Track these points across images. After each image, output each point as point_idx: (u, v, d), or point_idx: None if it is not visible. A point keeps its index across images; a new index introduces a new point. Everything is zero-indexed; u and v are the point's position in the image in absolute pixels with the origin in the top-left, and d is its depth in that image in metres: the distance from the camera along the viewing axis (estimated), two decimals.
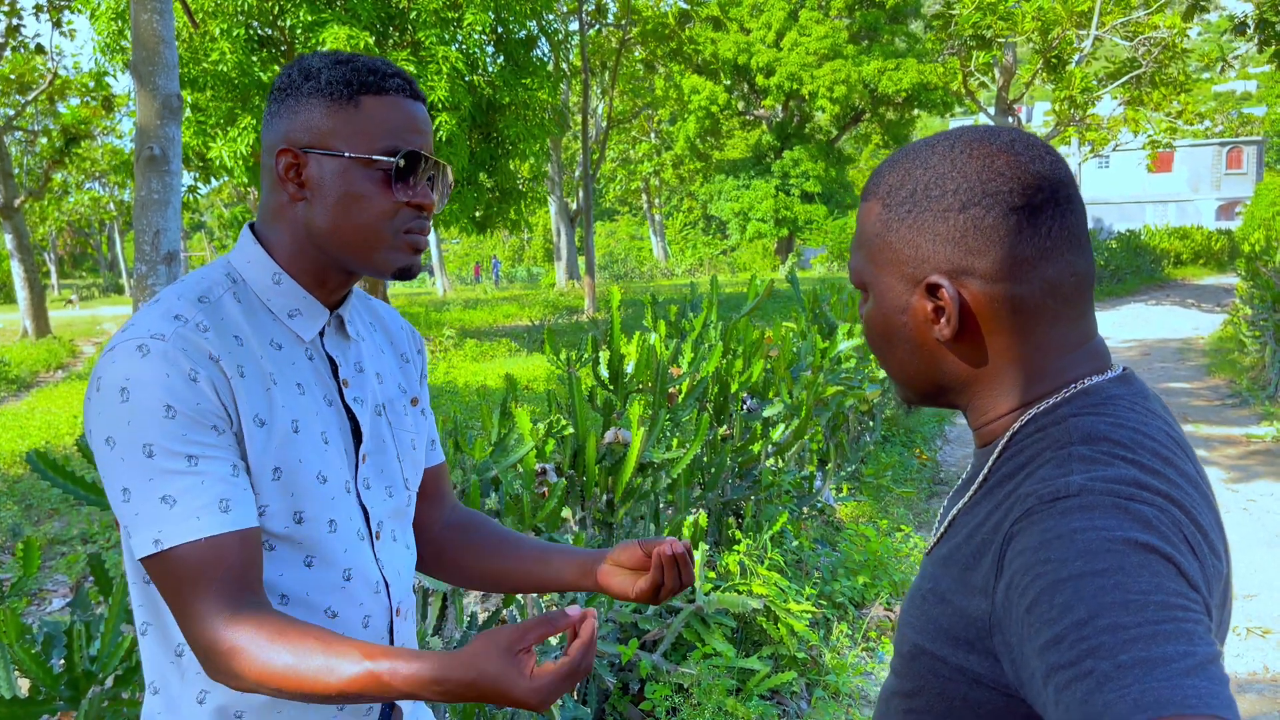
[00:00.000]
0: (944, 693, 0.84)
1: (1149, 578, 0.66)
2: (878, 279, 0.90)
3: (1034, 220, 0.82)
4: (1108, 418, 0.80)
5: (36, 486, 6.67)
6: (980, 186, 0.82)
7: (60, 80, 20.23)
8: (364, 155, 1.10)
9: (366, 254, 1.13)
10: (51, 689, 1.71)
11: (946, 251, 0.84)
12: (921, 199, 0.85)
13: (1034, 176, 0.82)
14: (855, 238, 0.93)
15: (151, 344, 1.02)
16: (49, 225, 37.88)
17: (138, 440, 1.00)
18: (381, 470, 1.23)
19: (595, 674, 2.98)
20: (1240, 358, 11.15)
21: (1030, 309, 0.83)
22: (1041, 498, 0.74)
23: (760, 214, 34.34)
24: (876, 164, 7.02)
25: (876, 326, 0.92)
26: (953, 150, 0.85)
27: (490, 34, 14.54)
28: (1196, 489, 0.78)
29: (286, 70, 1.15)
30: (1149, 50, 22.33)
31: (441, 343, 15.11)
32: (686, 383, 3.75)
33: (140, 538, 1.01)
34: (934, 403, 0.95)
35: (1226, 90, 63.35)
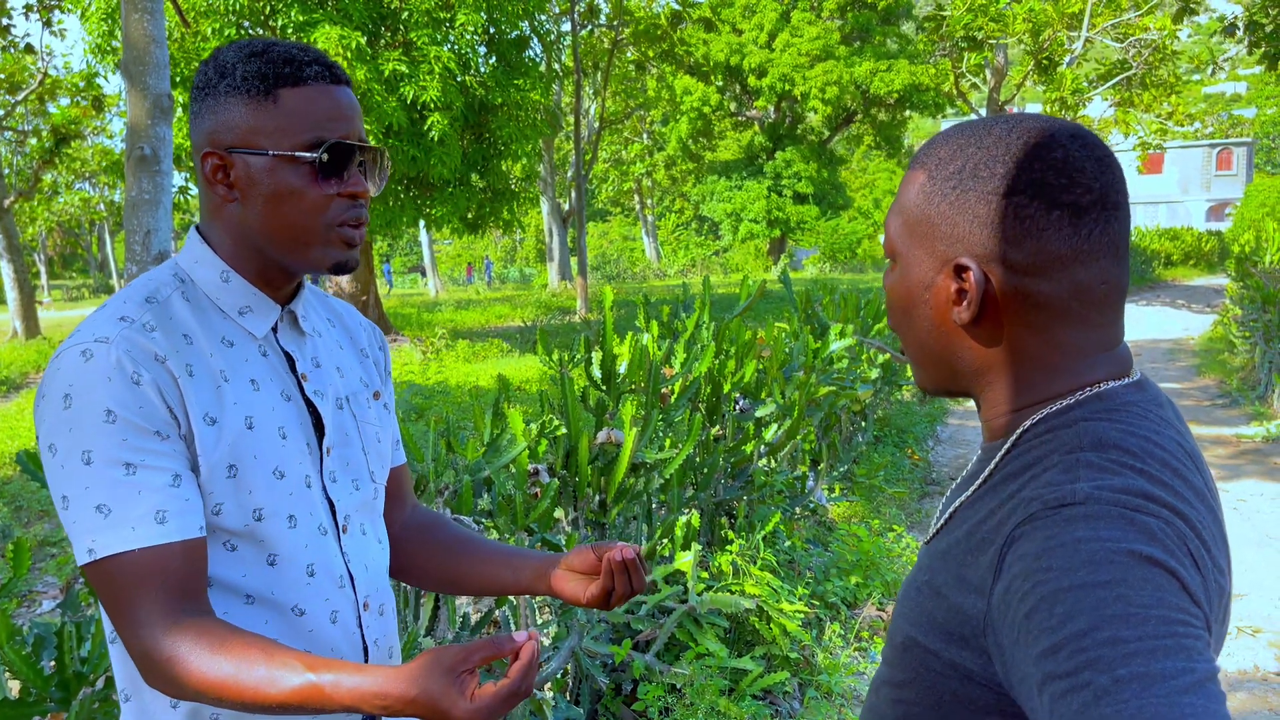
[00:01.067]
0: (934, 686, 0.83)
1: (1151, 591, 0.65)
2: (909, 250, 0.88)
3: (1076, 220, 0.79)
4: (1119, 424, 0.79)
5: (26, 488, 6.64)
6: (1030, 175, 0.80)
7: (50, 80, 20.14)
8: (287, 152, 1.08)
9: (301, 251, 1.12)
10: (42, 690, 1.71)
11: (982, 235, 0.81)
12: (969, 177, 0.83)
13: (1086, 175, 0.80)
14: (894, 204, 0.91)
15: (95, 348, 1.01)
16: (39, 226, 37.70)
17: (77, 447, 0.99)
18: (348, 463, 1.22)
19: (588, 674, 2.98)
20: (1230, 358, 11.20)
21: (1054, 308, 0.81)
22: (1046, 503, 0.73)
23: (752, 215, 34.36)
24: (869, 165, 7.02)
25: (899, 298, 0.90)
26: (1010, 134, 0.83)
27: (482, 34, 14.53)
28: (1203, 502, 0.77)
29: (203, 66, 1.12)
30: (1139, 52, 22.42)
31: (433, 343, 15.09)
32: (679, 383, 3.75)
33: (77, 546, 1.00)
34: (948, 390, 0.92)
35: (1216, 92, 63.61)
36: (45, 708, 1.72)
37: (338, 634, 1.18)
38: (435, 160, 13.37)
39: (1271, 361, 8.84)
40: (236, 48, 1.11)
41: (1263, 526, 5.46)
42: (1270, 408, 8.55)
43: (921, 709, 0.85)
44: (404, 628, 2.61)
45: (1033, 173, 0.80)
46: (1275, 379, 8.71)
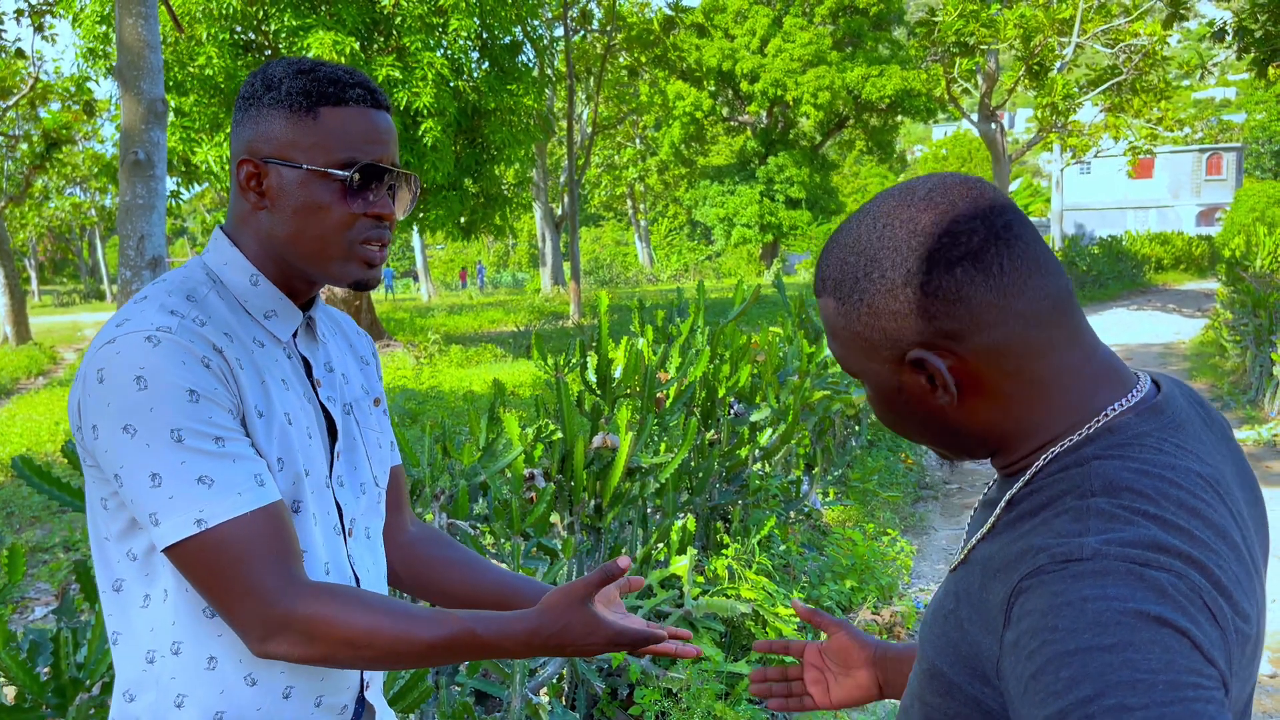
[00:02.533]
0: (959, 714, 0.83)
1: (1160, 654, 0.63)
2: (862, 368, 0.88)
3: (980, 265, 0.78)
4: (1133, 462, 0.76)
5: (18, 494, 6.61)
6: (913, 253, 0.80)
7: (41, 85, 20.10)
8: (319, 168, 1.11)
9: (323, 264, 1.15)
10: (38, 696, 1.70)
11: (911, 325, 0.81)
12: (865, 285, 0.83)
13: (963, 222, 0.79)
14: (827, 333, 0.91)
15: (161, 335, 1.02)
16: (29, 231, 37.58)
17: (164, 425, 1.00)
18: (354, 467, 1.25)
19: (584, 679, 2.98)
20: (1221, 362, 11.25)
21: (1017, 348, 0.80)
22: (1054, 557, 0.71)
23: (745, 220, 34.43)
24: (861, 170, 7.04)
25: (882, 408, 0.90)
26: (876, 224, 0.83)
27: (475, 40, 14.53)
28: (1226, 540, 0.73)
29: (251, 78, 1.15)
30: (1130, 58, 22.54)
31: (426, 348, 15.07)
32: (674, 388, 3.76)
33: (176, 520, 1.00)
34: (973, 456, 0.91)
35: (1206, 97, 63.98)
36: (42, 714, 1.72)
37: None
38: (428, 165, 13.37)
39: (1262, 365, 8.88)
40: (286, 63, 1.14)
41: None
42: (1262, 411, 8.59)
43: None
44: None
45: (919, 252, 0.80)
46: (1266, 383, 8.75)
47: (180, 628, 1.09)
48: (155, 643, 1.10)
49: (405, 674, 2.09)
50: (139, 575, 1.09)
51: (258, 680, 1.13)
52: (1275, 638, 4.07)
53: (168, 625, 1.09)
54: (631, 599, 3.17)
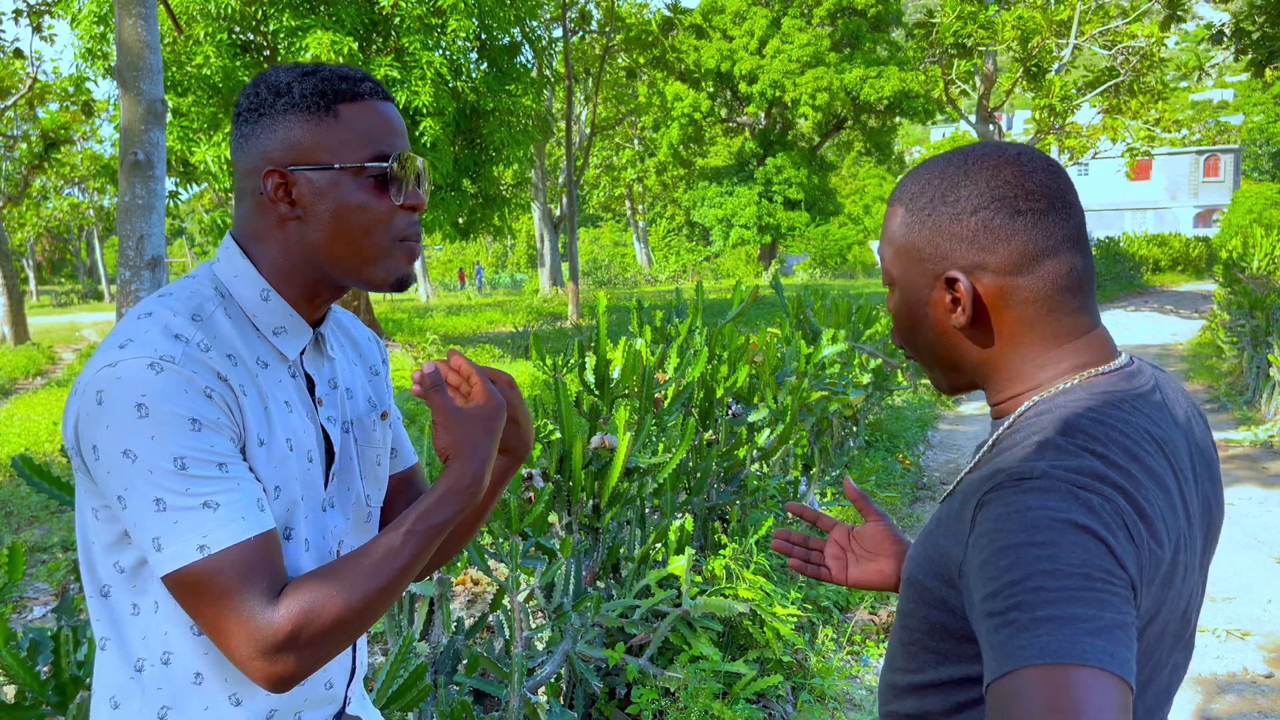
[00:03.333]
0: (927, 616, 0.97)
1: (1080, 553, 0.77)
2: (903, 274, 1.02)
3: (1038, 221, 0.94)
4: (1092, 413, 0.90)
5: (16, 494, 6.61)
6: (989, 192, 0.95)
7: (40, 85, 20.09)
8: (355, 165, 1.09)
9: (365, 266, 1.12)
10: (39, 694, 1.71)
11: (962, 249, 0.96)
12: (939, 204, 0.97)
13: (1036, 184, 0.94)
14: (882, 239, 1.06)
15: (163, 364, 1.00)
16: (27, 231, 37.55)
17: (167, 453, 0.98)
18: (347, 488, 1.23)
19: (582, 678, 2.99)
20: (1218, 363, 11.27)
21: (1036, 298, 0.95)
22: (1010, 475, 0.85)
23: (743, 220, 34.46)
24: (859, 171, 7.09)
25: (904, 316, 1.04)
26: (966, 162, 0.98)
27: (474, 40, 14.54)
28: (1158, 483, 0.87)
29: (252, 89, 1.11)
30: (1127, 59, 22.57)
31: (425, 349, 15.07)
32: (672, 388, 3.76)
33: (179, 546, 0.98)
34: (961, 387, 1.06)
35: (1204, 99, 64.03)
36: (41, 712, 1.72)
37: None
38: (427, 165, 13.37)
39: (1259, 366, 8.90)
40: (286, 69, 1.11)
41: (1251, 530, 5.50)
42: (1258, 412, 8.61)
43: (918, 634, 1.00)
44: (398, 632, 2.61)
45: (992, 189, 0.95)
46: (1263, 384, 8.77)
47: (172, 639, 1.08)
48: (145, 651, 1.09)
49: (403, 673, 2.10)
50: (126, 585, 1.08)
51: (242, 701, 1.12)
52: (1273, 638, 4.09)
53: (159, 635, 1.08)
54: (630, 598, 3.18)
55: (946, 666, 0.97)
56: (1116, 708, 0.71)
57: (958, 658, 0.95)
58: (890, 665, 1.08)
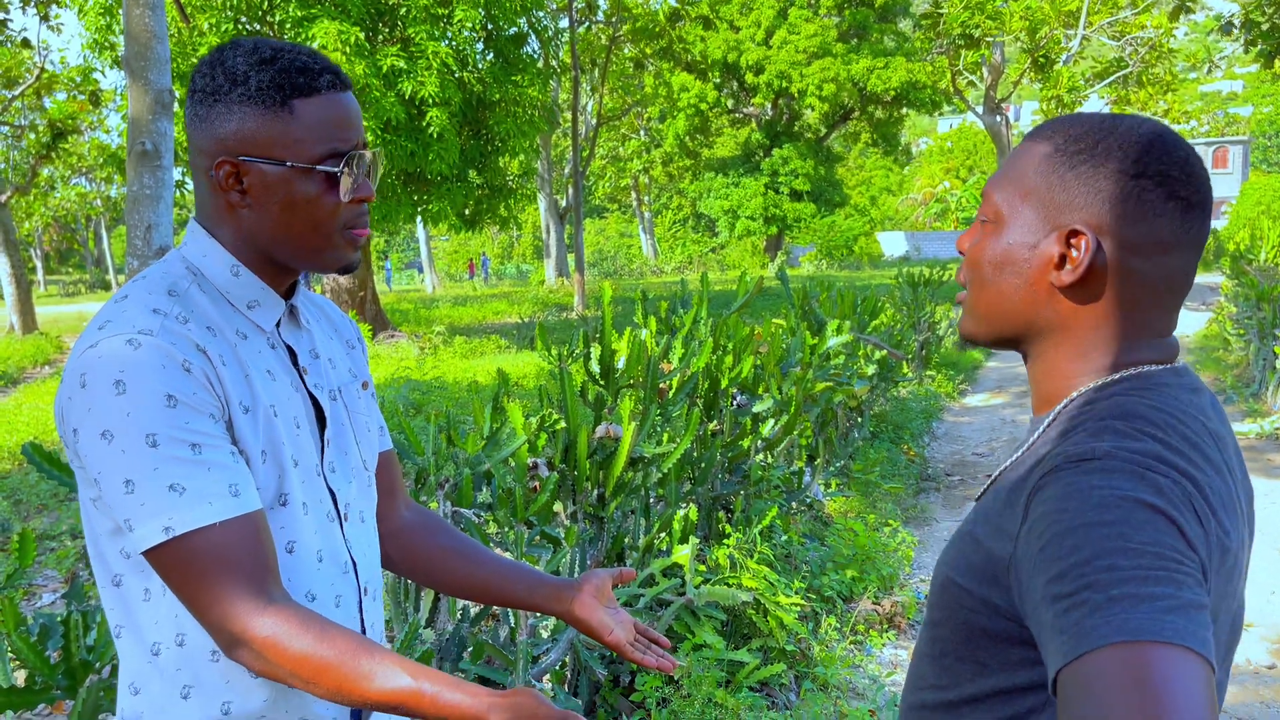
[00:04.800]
0: (966, 621, 0.92)
1: (1150, 532, 0.73)
2: (1016, 213, 0.94)
3: (1185, 213, 0.88)
4: (1149, 400, 0.87)
5: (25, 482, 6.65)
6: (1158, 164, 0.88)
7: (47, 75, 20.11)
8: (305, 165, 1.10)
9: (313, 255, 1.15)
10: (49, 678, 1.73)
11: (1103, 208, 0.89)
12: (1100, 154, 0.90)
13: (1200, 180, 0.89)
14: (1004, 170, 0.97)
15: (141, 339, 1.02)
16: (35, 221, 37.63)
17: (139, 431, 0.99)
18: (344, 453, 1.25)
19: (586, 666, 3.01)
20: (1225, 355, 11.24)
21: (1144, 287, 0.90)
22: (1069, 457, 0.82)
23: (749, 212, 34.40)
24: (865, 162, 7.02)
25: (995, 255, 0.96)
26: (1140, 126, 0.91)
27: (480, 30, 14.53)
28: (1218, 473, 0.84)
29: (208, 70, 1.10)
30: (1136, 50, 22.45)
31: (431, 339, 15.09)
32: (677, 378, 3.77)
33: (147, 528, 1.00)
34: (1002, 342, 1.00)
35: (1213, 90, 63.68)
36: (52, 695, 1.74)
37: (340, 617, 1.21)
38: (433, 156, 13.37)
39: (1266, 359, 8.88)
40: (244, 53, 1.10)
41: (1257, 522, 5.49)
42: (1265, 404, 8.59)
43: (954, 644, 0.94)
44: (404, 619, 2.63)
45: (1161, 163, 0.88)
46: (1270, 376, 8.75)
47: (184, 619, 1.09)
48: (159, 635, 1.10)
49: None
50: (135, 571, 1.09)
51: None
52: (1276, 630, 4.09)
53: (170, 618, 1.09)
54: (633, 587, 3.19)
55: (988, 678, 0.91)
56: (1204, 685, 0.67)
57: (1001, 666, 0.90)
58: (916, 685, 1.02)
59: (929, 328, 10.45)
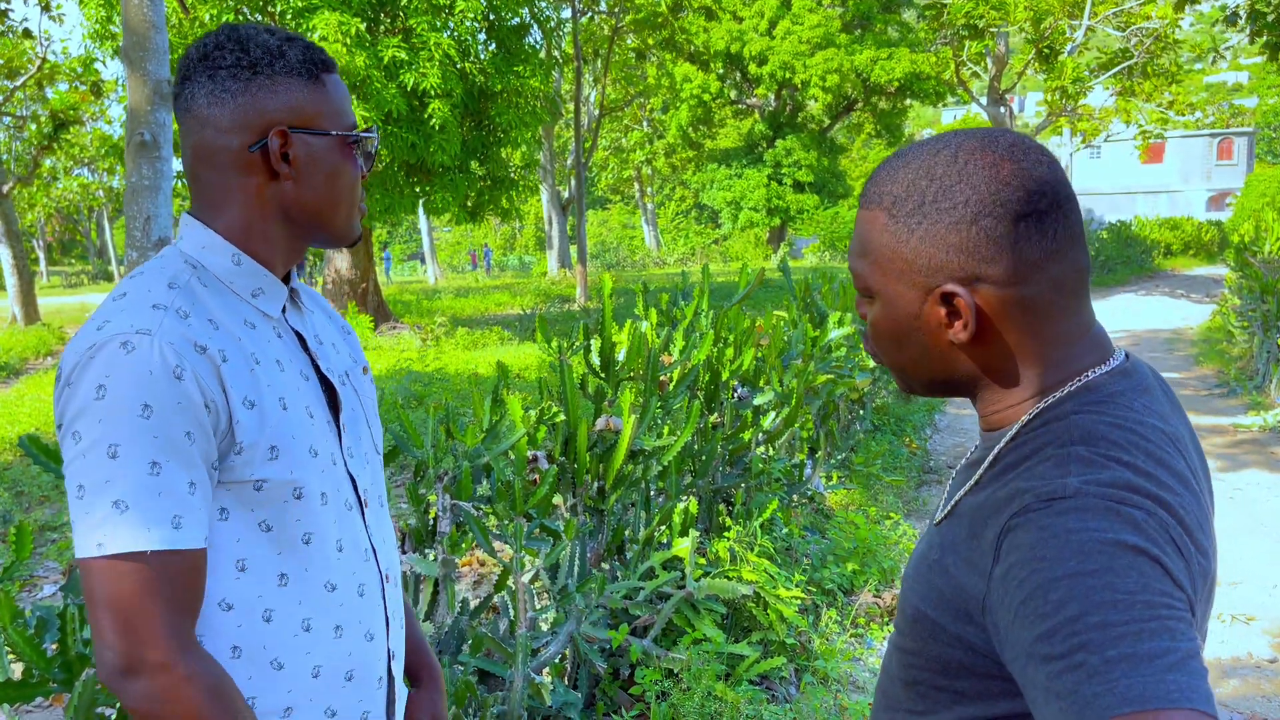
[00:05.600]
0: (941, 655, 0.89)
1: (1136, 578, 0.70)
2: (886, 287, 0.92)
3: (1040, 225, 0.85)
4: (1107, 416, 0.84)
5: (27, 473, 6.66)
6: (990, 197, 0.85)
7: (49, 65, 20.07)
8: (345, 133, 1.16)
9: (344, 225, 1.20)
10: (45, 671, 1.72)
11: (960, 260, 0.86)
12: (930, 210, 0.87)
13: (1037, 183, 0.85)
14: (858, 244, 0.94)
15: (137, 340, 1.00)
16: (38, 211, 37.63)
17: (105, 439, 0.97)
18: (359, 438, 1.25)
19: (586, 659, 3.00)
20: (1229, 348, 11.21)
21: (1040, 307, 0.87)
22: (1039, 496, 0.78)
23: (752, 203, 34.31)
24: (869, 154, 6.98)
25: (886, 330, 0.94)
26: (956, 158, 0.87)
27: (482, 21, 14.47)
28: (1187, 487, 0.81)
29: (233, 45, 1.11)
30: (1141, 41, 22.36)
31: (433, 331, 15.09)
32: (678, 371, 3.76)
33: (84, 539, 0.98)
34: (938, 394, 0.98)
35: (1218, 81, 63.47)
36: (48, 689, 1.74)
37: (365, 606, 1.21)
38: (435, 147, 13.34)
39: (1270, 351, 8.85)
40: (265, 31, 1.14)
41: (1258, 515, 5.49)
42: (1268, 397, 8.57)
43: (929, 673, 0.91)
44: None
45: (992, 194, 0.85)
46: (1273, 369, 8.72)
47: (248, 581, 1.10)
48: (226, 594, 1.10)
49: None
50: None
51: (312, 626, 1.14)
52: (1278, 623, 4.08)
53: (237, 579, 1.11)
54: (634, 579, 3.19)
55: (967, 706, 0.89)
56: None
57: (979, 695, 0.87)
58: (889, 704, 1.00)
59: None
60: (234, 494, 1.07)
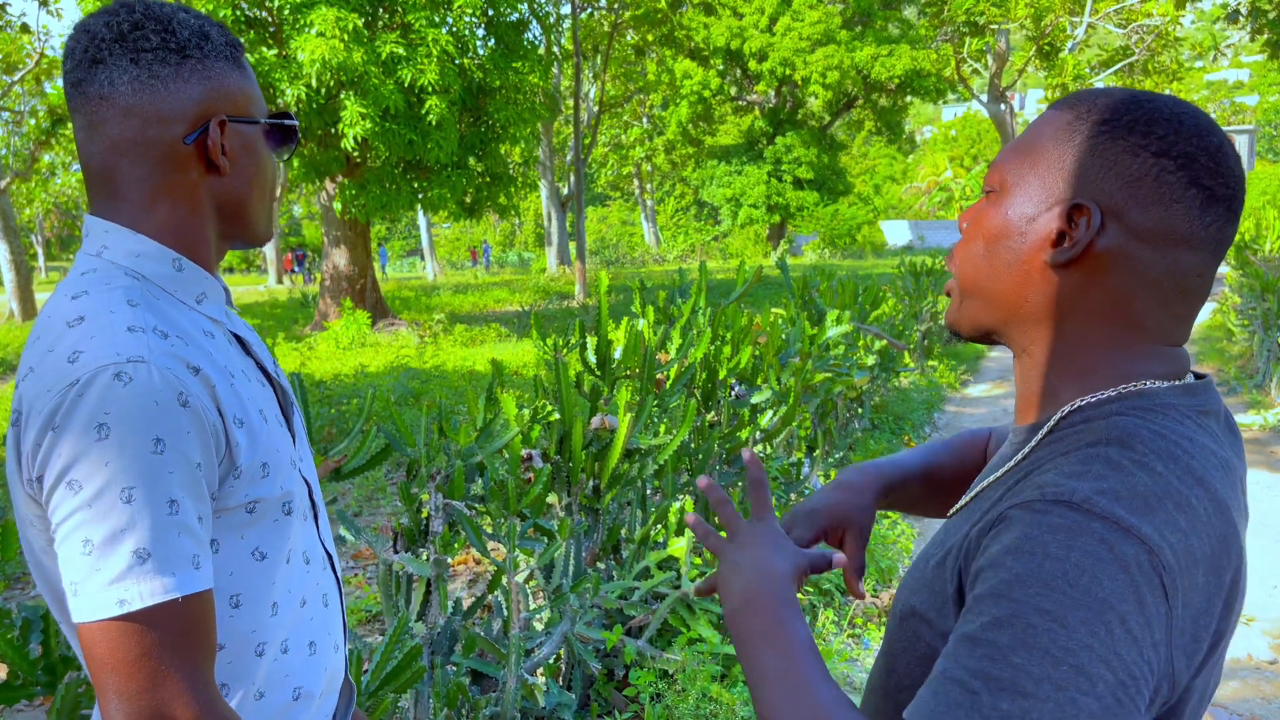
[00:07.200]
0: (924, 656, 0.84)
1: (1084, 635, 0.66)
2: (1022, 181, 0.86)
3: (1207, 204, 0.79)
4: (1153, 424, 0.78)
5: None
6: (1184, 146, 0.79)
7: (47, 60, 20.03)
8: (271, 120, 1.09)
9: (263, 221, 1.11)
10: (29, 674, 1.70)
11: (1113, 185, 0.80)
12: (1120, 130, 0.81)
13: (1230, 174, 0.80)
14: (1020, 139, 0.89)
15: (131, 369, 0.88)
16: (35, 207, 37.59)
17: (116, 484, 0.86)
18: (303, 440, 1.18)
19: (581, 659, 2.98)
20: (1229, 346, 11.19)
21: (1146, 280, 0.80)
22: (1046, 494, 0.73)
23: (752, 200, 34.28)
24: (869, 151, 6.91)
25: (992, 227, 0.87)
26: (1175, 105, 0.82)
27: (481, 17, 14.44)
28: (1222, 515, 0.74)
29: (154, 25, 1.00)
30: (1142, 38, 22.34)
31: (430, 327, 15.06)
32: (674, 369, 3.74)
33: (99, 599, 0.86)
34: (987, 332, 0.91)
35: (1219, 79, 63.46)
36: (31, 691, 1.71)
37: (330, 616, 1.17)
38: (432, 144, 13.30)
39: (1270, 350, 8.83)
40: (184, 11, 1.03)
41: (1259, 515, 5.47)
42: (1268, 396, 8.55)
43: (910, 679, 0.86)
44: (394, 612, 2.60)
45: (1188, 145, 0.79)
46: (1274, 367, 8.70)
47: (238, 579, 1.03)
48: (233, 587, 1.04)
49: (397, 654, 2.09)
50: None
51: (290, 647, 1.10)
52: (1277, 624, 4.06)
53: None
54: (629, 579, 3.16)
55: None
56: None
57: None
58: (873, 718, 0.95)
59: (931, 317, 10.40)
60: (225, 522, 0.99)
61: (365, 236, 16.35)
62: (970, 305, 0.91)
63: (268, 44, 13.33)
